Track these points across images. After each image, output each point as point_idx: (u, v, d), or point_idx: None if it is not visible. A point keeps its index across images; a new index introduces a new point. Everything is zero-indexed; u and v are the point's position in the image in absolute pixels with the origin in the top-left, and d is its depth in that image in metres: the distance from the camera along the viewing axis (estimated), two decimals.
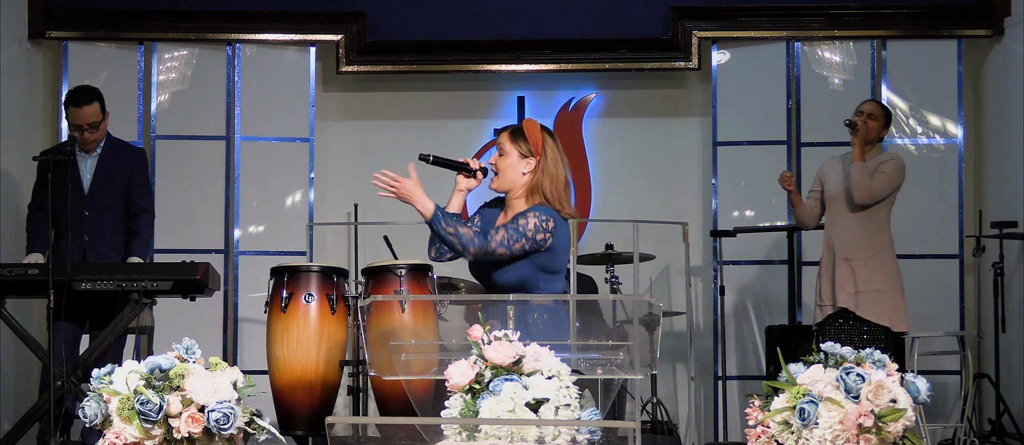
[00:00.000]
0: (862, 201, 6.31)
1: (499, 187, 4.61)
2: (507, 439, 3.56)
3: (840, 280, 6.32)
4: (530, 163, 4.57)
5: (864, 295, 6.27)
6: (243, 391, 3.75)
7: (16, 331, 5.74)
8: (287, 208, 7.91)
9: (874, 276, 6.28)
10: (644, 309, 5.60)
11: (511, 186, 4.59)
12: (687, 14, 7.89)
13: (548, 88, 8.19)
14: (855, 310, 6.28)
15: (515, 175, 4.58)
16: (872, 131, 6.40)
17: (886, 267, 6.33)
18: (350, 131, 8.19)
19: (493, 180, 4.62)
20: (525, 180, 4.57)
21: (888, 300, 6.28)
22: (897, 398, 3.67)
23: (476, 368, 3.68)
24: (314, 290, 5.73)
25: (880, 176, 6.30)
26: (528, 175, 4.57)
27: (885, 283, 6.29)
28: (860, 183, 6.28)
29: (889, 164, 6.35)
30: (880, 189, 6.30)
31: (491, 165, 4.63)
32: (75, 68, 7.77)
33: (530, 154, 4.57)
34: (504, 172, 4.58)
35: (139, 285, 5.62)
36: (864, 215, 6.35)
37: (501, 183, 4.60)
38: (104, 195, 6.29)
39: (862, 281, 6.28)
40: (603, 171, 8.15)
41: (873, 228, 6.35)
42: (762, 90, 7.92)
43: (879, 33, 7.87)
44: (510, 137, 4.59)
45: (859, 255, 6.32)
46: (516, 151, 4.58)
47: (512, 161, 4.58)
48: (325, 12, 7.91)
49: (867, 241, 6.33)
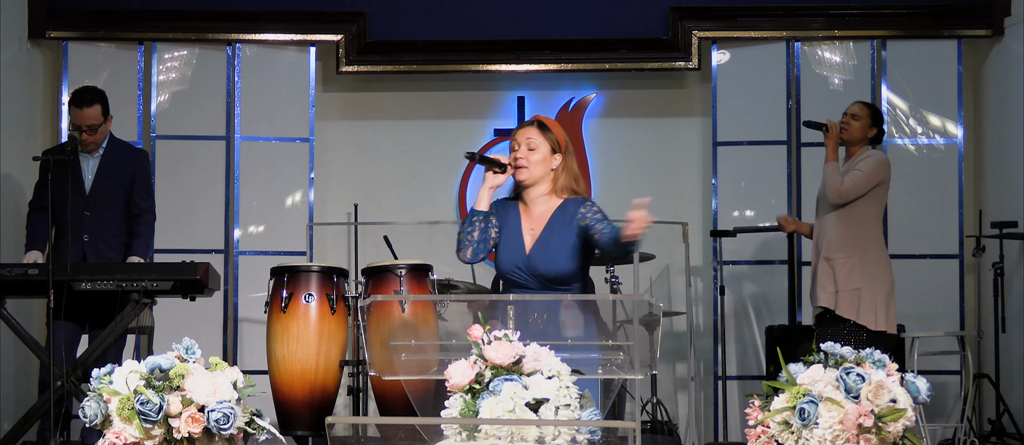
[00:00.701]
0: (833, 201, 6.30)
1: (528, 179, 4.65)
2: (507, 439, 3.56)
3: (821, 280, 6.31)
4: (557, 158, 4.66)
5: (843, 294, 6.24)
6: (243, 391, 3.74)
7: (16, 331, 5.74)
8: (287, 208, 7.91)
9: (853, 274, 6.24)
10: (644, 309, 5.60)
11: (539, 179, 4.65)
12: (687, 14, 7.89)
13: (548, 88, 8.19)
14: (835, 309, 6.26)
15: (545, 168, 4.65)
16: (856, 131, 6.38)
17: (868, 265, 6.25)
18: (350, 131, 8.19)
19: (520, 172, 4.65)
20: (552, 175, 4.66)
21: (867, 299, 6.23)
22: (897, 398, 3.67)
23: (476, 368, 3.69)
24: (314, 290, 5.73)
25: (853, 174, 6.25)
26: (555, 170, 4.66)
27: (865, 282, 6.23)
28: (829, 183, 6.28)
29: (864, 162, 6.29)
30: (851, 187, 6.25)
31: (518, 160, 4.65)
32: (75, 68, 7.77)
33: (558, 149, 4.66)
34: (535, 165, 4.64)
35: (139, 285, 5.62)
36: (846, 214, 6.30)
37: (531, 175, 4.65)
38: (105, 195, 6.29)
39: (841, 280, 6.25)
40: (603, 171, 8.14)
41: (855, 227, 6.29)
42: (762, 90, 7.91)
43: (879, 33, 7.87)
44: (539, 131, 4.66)
45: (839, 254, 6.29)
46: (547, 145, 4.65)
47: (543, 154, 4.65)
48: (325, 12, 7.91)
49: (848, 240, 6.28)
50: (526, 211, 4.69)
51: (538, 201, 4.67)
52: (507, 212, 4.71)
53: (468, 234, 4.65)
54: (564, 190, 4.66)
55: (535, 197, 4.67)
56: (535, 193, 4.67)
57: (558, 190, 4.66)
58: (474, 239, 4.65)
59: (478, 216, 4.65)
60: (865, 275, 6.23)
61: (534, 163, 4.63)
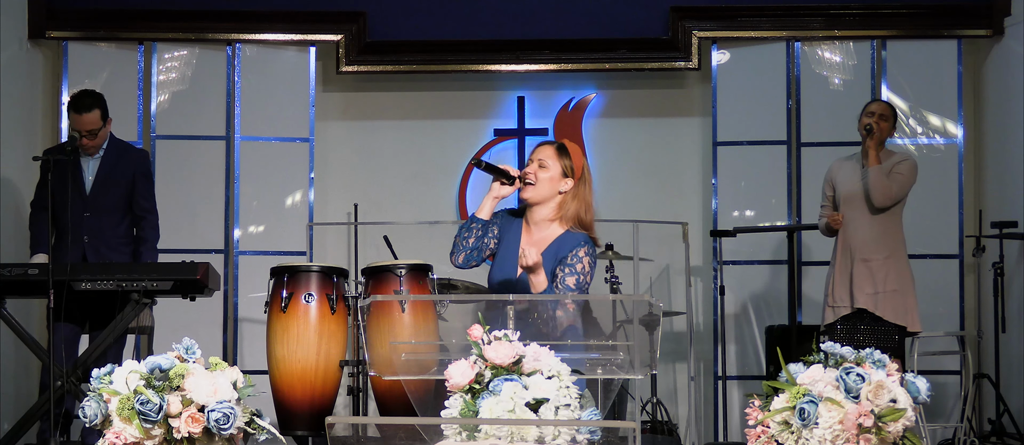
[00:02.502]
0: (882, 205, 6.32)
1: (532, 197, 4.57)
2: (507, 439, 3.56)
3: (859, 281, 6.31)
4: (568, 183, 4.56)
5: (883, 295, 6.28)
6: (243, 391, 3.75)
7: (16, 331, 5.73)
8: (287, 208, 7.91)
9: (891, 276, 6.29)
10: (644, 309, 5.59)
11: (544, 200, 4.57)
12: (687, 14, 7.89)
13: (548, 88, 8.19)
14: (874, 310, 6.28)
15: (552, 190, 4.56)
16: (884, 132, 6.40)
17: (902, 267, 6.34)
18: (350, 131, 8.19)
19: (525, 189, 4.56)
20: (559, 199, 4.57)
21: (906, 300, 6.30)
22: (897, 398, 3.67)
23: (476, 368, 3.69)
24: (314, 290, 5.73)
25: (896, 178, 6.32)
26: (563, 195, 4.56)
27: (901, 283, 6.31)
28: (880, 187, 6.27)
29: (903, 165, 6.36)
30: (898, 191, 6.33)
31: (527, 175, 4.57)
32: (75, 68, 7.77)
33: (571, 175, 4.57)
34: (542, 184, 4.55)
35: (139, 285, 5.62)
36: (883, 215, 6.36)
37: (536, 194, 4.56)
38: (106, 196, 6.28)
39: (880, 282, 6.29)
40: (603, 171, 8.14)
41: (889, 228, 6.35)
42: (762, 90, 7.92)
43: (879, 33, 7.87)
44: (556, 153, 4.59)
45: (877, 256, 6.31)
46: (559, 167, 4.57)
47: (553, 175, 4.56)
48: (325, 12, 7.91)
49: (884, 242, 6.33)
50: (528, 231, 4.62)
51: (541, 224, 4.59)
52: (510, 226, 4.65)
53: (464, 239, 4.60)
54: (570, 219, 4.55)
55: (539, 219, 4.59)
56: (539, 215, 4.59)
57: (563, 218, 4.56)
58: (469, 245, 4.59)
59: (477, 223, 4.59)
60: (901, 277, 6.30)
61: (542, 181, 4.55)
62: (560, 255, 4.50)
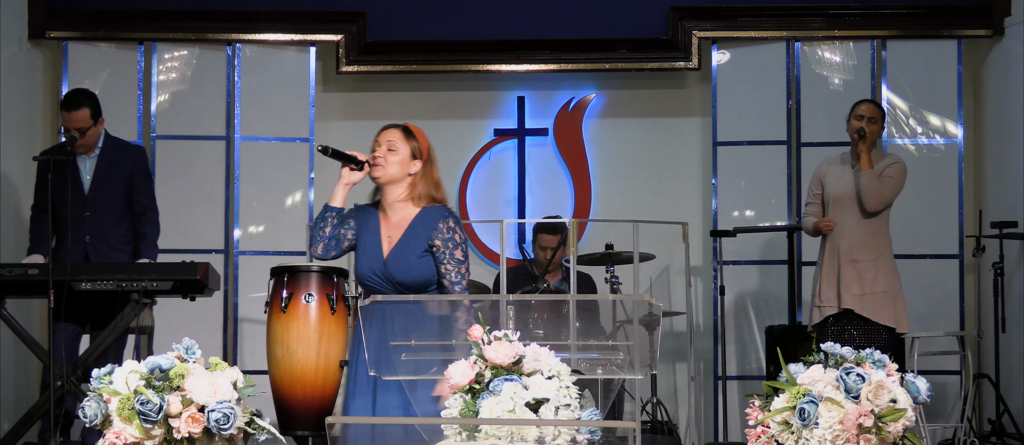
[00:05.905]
0: (875, 209, 6.36)
1: (384, 178, 4.68)
2: (507, 439, 3.56)
3: (846, 282, 6.34)
4: (417, 165, 4.69)
5: (870, 297, 6.31)
6: (243, 391, 3.74)
7: (16, 331, 5.73)
8: (287, 208, 7.91)
9: (880, 278, 6.32)
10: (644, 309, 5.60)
11: (394, 180, 4.67)
12: (687, 14, 7.89)
13: (548, 88, 8.19)
14: (860, 312, 6.30)
15: (402, 171, 4.68)
16: (875, 134, 6.45)
17: (889, 268, 6.38)
18: (350, 131, 8.18)
19: (376, 170, 4.68)
20: (410, 180, 4.68)
21: (893, 301, 6.32)
22: (897, 398, 3.67)
23: (476, 368, 3.69)
24: (314, 290, 5.71)
25: (887, 181, 6.37)
26: (413, 176, 4.68)
27: (891, 284, 6.34)
28: (874, 192, 6.31)
29: (893, 168, 6.41)
30: (890, 195, 6.39)
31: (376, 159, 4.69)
32: (75, 68, 7.77)
33: (419, 156, 4.70)
34: (392, 166, 4.67)
35: (139, 285, 5.62)
36: (872, 217, 6.38)
37: (386, 174, 4.67)
38: (105, 195, 6.28)
39: (868, 283, 6.32)
40: (603, 171, 8.15)
41: (877, 230, 6.40)
42: (762, 90, 7.91)
43: (879, 33, 7.87)
44: (403, 135, 4.71)
45: (865, 257, 6.34)
46: (408, 149, 4.70)
47: (402, 158, 4.68)
48: (325, 12, 7.91)
49: (872, 243, 6.38)
50: (385, 218, 4.72)
51: (396, 207, 4.70)
52: (367, 217, 4.76)
53: (321, 230, 4.72)
54: (422, 198, 4.68)
55: (392, 203, 4.70)
56: (392, 198, 4.69)
57: (416, 197, 4.68)
58: (326, 235, 4.74)
59: (331, 212, 4.72)
60: (889, 278, 6.33)
61: (392, 164, 4.66)
62: (428, 228, 4.61)
